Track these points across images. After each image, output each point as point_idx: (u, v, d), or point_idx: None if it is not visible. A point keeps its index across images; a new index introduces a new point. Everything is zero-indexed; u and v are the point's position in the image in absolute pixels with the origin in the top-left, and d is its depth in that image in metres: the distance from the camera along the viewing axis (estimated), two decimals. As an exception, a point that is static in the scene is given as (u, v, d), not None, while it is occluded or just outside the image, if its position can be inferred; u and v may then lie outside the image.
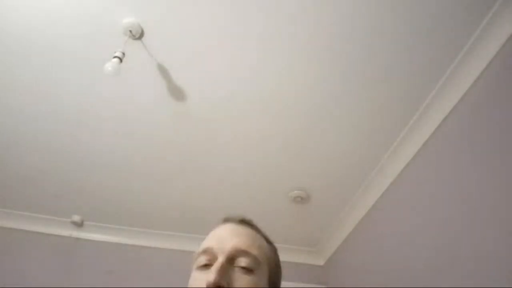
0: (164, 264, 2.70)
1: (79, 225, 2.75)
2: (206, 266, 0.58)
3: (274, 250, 0.70)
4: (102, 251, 2.74)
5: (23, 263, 2.58)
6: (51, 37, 1.65)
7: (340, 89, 1.78)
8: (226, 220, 0.68)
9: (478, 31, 1.48)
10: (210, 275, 0.53)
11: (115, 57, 1.54)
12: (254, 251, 0.60)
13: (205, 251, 0.60)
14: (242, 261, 0.58)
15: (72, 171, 2.34)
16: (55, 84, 1.85)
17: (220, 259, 0.56)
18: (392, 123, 1.90)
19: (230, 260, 0.57)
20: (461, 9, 1.43)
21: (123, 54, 1.56)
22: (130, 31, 1.57)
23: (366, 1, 1.45)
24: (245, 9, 1.51)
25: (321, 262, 2.86)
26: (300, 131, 2.00)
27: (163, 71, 1.75)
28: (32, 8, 1.56)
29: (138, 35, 1.60)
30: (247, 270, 0.57)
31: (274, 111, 1.90)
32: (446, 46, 1.56)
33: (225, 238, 0.61)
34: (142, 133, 2.08)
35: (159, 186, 2.42)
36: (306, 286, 2.70)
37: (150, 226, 2.76)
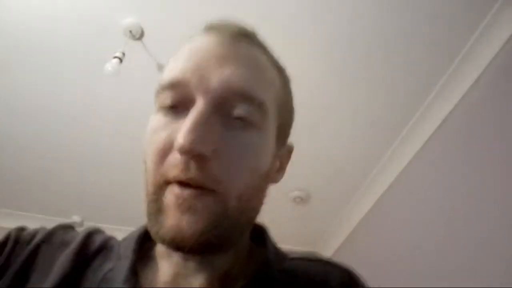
0: (164, 264, 2.70)
1: (79, 225, 2.75)
2: (177, 109, 0.36)
3: (287, 81, 0.45)
4: (102, 251, 2.74)
5: (23, 263, 2.58)
6: (51, 37, 1.65)
7: (340, 89, 1.78)
8: (212, 29, 0.40)
9: (478, 31, 1.48)
10: (182, 132, 0.32)
11: (115, 57, 1.54)
12: (257, 91, 0.36)
13: (174, 85, 0.36)
14: (238, 109, 0.35)
15: (72, 171, 2.34)
16: (55, 84, 1.85)
17: (200, 105, 0.33)
18: (392, 123, 1.90)
19: (218, 106, 0.34)
20: (460, 10, 1.43)
21: (123, 54, 1.56)
22: (130, 31, 1.57)
23: (366, 1, 1.45)
24: (244, 10, 1.51)
25: (321, 262, 2.85)
26: (299, 132, 1.99)
27: (163, 71, 1.75)
28: (32, 8, 1.56)
29: (138, 35, 1.60)
30: (245, 123, 0.35)
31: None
32: (446, 46, 1.56)
33: (208, 66, 0.35)
34: (142, 133, 2.08)
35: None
36: (306, 286, 2.70)
37: (150, 226, 2.75)
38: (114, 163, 2.27)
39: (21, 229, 0.45)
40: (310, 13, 1.51)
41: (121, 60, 1.55)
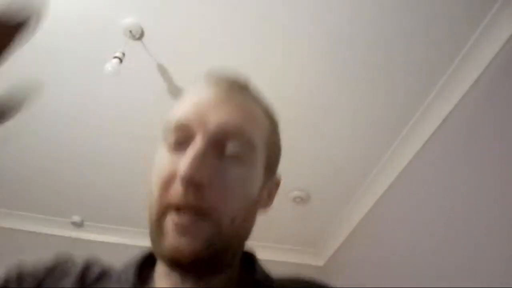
0: (164, 264, 2.70)
1: (79, 225, 2.75)
2: (180, 145, 0.42)
3: (275, 125, 0.52)
4: (102, 251, 2.74)
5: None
6: (51, 37, 1.65)
7: (340, 89, 1.78)
8: (211, 80, 0.47)
9: (478, 31, 1.48)
10: (183, 165, 0.37)
11: (115, 57, 1.54)
12: (248, 132, 0.43)
13: (178, 127, 0.42)
14: (231, 146, 0.41)
15: (72, 171, 2.34)
16: (55, 84, 1.85)
17: (199, 142, 0.40)
18: (392, 124, 1.90)
19: (214, 143, 0.41)
20: (460, 10, 1.43)
21: (123, 54, 1.56)
22: (130, 31, 1.57)
23: (365, 2, 1.45)
24: (244, 10, 1.51)
25: (321, 262, 2.86)
26: (299, 131, 2.00)
27: (163, 71, 1.75)
28: (32, 8, 1.56)
29: (138, 35, 1.60)
30: (237, 158, 0.41)
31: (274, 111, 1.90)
32: (446, 46, 1.56)
33: (207, 110, 0.42)
34: (142, 133, 2.08)
35: (159, 186, 2.42)
36: (306, 286, 2.70)
37: (150, 226, 2.76)
38: (114, 163, 2.27)
39: (20, 267, 0.48)
40: (310, 13, 1.51)
41: (121, 60, 1.55)
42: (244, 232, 0.44)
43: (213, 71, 0.49)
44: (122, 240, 2.80)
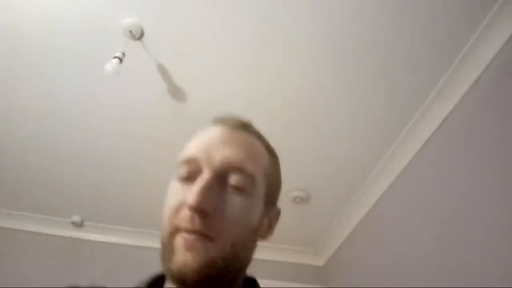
0: (164, 264, 2.70)
1: (79, 225, 2.75)
2: (189, 178, 0.47)
3: (275, 160, 0.57)
4: (102, 251, 2.74)
5: (23, 263, 2.58)
6: (51, 37, 1.65)
7: (340, 89, 1.78)
8: (218, 121, 0.54)
9: (478, 31, 1.48)
10: (192, 194, 0.43)
11: (115, 57, 1.54)
12: (249, 166, 0.48)
13: (188, 161, 0.48)
14: (233, 179, 0.47)
15: (72, 171, 2.34)
16: (55, 84, 1.85)
17: (206, 175, 0.46)
18: (392, 124, 1.90)
19: (218, 176, 0.46)
20: (460, 10, 1.43)
21: (123, 54, 1.56)
22: (130, 31, 1.57)
23: (365, 2, 1.45)
24: (244, 10, 1.51)
25: (321, 262, 2.86)
26: (299, 131, 2.00)
27: (163, 71, 1.75)
28: (32, 8, 1.56)
29: (138, 35, 1.60)
30: (239, 189, 0.47)
31: (274, 111, 1.90)
32: (446, 46, 1.56)
33: (214, 147, 0.48)
34: (142, 133, 2.08)
35: (159, 186, 2.41)
36: (306, 286, 2.70)
37: (150, 226, 2.75)
38: (114, 163, 2.27)
39: None
40: (310, 13, 1.51)
41: (121, 60, 1.55)
42: (244, 256, 0.48)
43: (220, 114, 0.56)
44: (122, 240, 2.80)
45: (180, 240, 0.44)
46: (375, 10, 1.47)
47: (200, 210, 0.43)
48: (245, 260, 0.49)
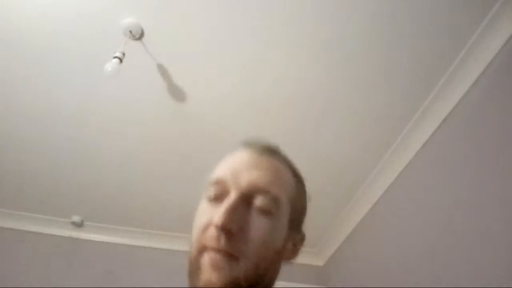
0: (164, 264, 2.70)
1: (79, 225, 2.75)
2: (217, 199, 0.50)
3: (301, 185, 0.60)
4: (102, 251, 2.74)
5: (23, 263, 2.58)
6: (51, 37, 1.65)
7: (340, 89, 1.78)
8: (247, 145, 0.56)
9: (478, 31, 1.48)
10: (220, 215, 0.45)
11: (115, 57, 1.54)
12: (275, 189, 0.50)
13: (217, 183, 0.51)
14: (259, 201, 0.48)
15: (72, 171, 2.34)
16: (55, 84, 1.85)
17: (233, 196, 0.48)
18: (392, 124, 1.90)
19: (245, 198, 0.48)
20: (460, 10, 1.43)
21: (123, 54, 1.56)
22: (130, 31, 1.57)
23: (365, 2, 1.45)
24: (244, 11, 1.51)
25: (321, 262, 2.85)
26: (299, 131, 2.00)
27: (163, 71, 1.75)
28: (32, 8, 1.56)
29: (138, 35, 1.60)
30: (264, 211, 0.48)
31: (274, 111, 1.90)
32: (445, 47, 1.56)
33: (241, 170, 0.51)
34: (142, 133, 2.08)
35: (159, 186, 2.42)
36: (306, 286, 2.70)
37: (150, 226, 2.75)
38: (114, 163, 2.27)
39: None
40: (310, 13, 1.51)
41: (121, 60, 1.55)
42: (268, 277, 0.49)
43: (249, 139, 0.59)
44: (122, 240, 2.80)
45: (206, 259, 0.45)
46: (375, 10, 1.47)
47: (226, 230, 0.45)
48: (269, 281, 0.50)
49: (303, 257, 2.87)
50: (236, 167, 0.51)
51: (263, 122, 1.97)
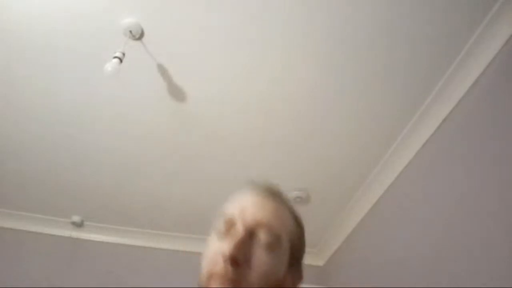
0: (164, 264, 2.70)
1: (79, 225, 2.75)
2: (225, 233, 0.56)
3: (300, 228, 0.67)
4: (102, 251, 2.74)
5: (23, 263, 2.58)
6: (51, 37, 1.65)
7: (340, 89, 1.78)
8: (253, 188, 0.65)
9: (478, 31, 1.48)
10: (228, 247, 0.52)
11: (115, 57, 1.54)
12: (276, 226, 0.57)
13: (226, 219, 0.58)
14: (262, 236, 0.55)
15: (72, 171, 2.34)
16: (55, 84, 1.85)
17: (240, 231, 0.55)
18: (392, 124, 1.90)
19: (250, 233, 0.55)
20: (460, 10, 1.43)
21: (123, 54, 1.56)
22: (130, 31, 1.57)
23: (364, 3, 1.45)
24: (244, 11, 1.51)
25: (321, 262, 2.85)
26: (299, 132, 2.00)
27: (163, 71, 1.75)
28: (32, 8, 1.56)
29: (138, 35, 1.60)
30: (267, 246, 0.55)
31: (274, 111, 1.90)
32: (445, 47, 1.56)
33: (248, 208, 0.59)
34: (142, 133, 2.08)
35: (159, 186, 2.42)
36: (306, 286, 2.69)
37: (150, 226, 2.76)
38: (114, 163, 2.27)
39: None
40: (310, 13, 1.50)
41: (121, 60, 1.55)
42: None
43: (255, 181, 0.66)
44: (122, 240, 2.80)
45: (214, 285, 0.51)
46: (375, 10, 1.47)
47: (233, 260, 0.50)
48: None
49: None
50: (243, 206, 0.59)
51: (263, 122, 1.97)
